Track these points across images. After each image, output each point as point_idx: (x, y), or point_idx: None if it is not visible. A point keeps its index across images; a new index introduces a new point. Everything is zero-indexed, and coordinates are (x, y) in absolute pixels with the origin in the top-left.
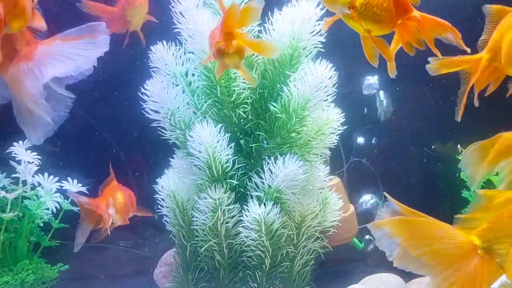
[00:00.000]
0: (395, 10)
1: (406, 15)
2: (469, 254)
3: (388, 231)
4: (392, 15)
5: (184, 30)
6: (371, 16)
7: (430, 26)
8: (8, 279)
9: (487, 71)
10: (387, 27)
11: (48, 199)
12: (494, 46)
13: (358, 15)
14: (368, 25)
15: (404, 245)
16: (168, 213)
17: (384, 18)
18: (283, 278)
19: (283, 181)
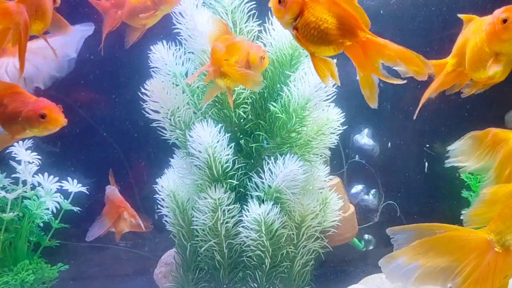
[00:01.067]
0: (340, 32)
1: (354, 38)
2: (486, 251)
3: (405, 260)
4: (334, 37)
5: (184, 30)
6: (310, 38)
7: (377, 53)
8: (8, 279)
9: (452, 74)
10: (329, 49)
11: (48, 199)
12: (459, 52)
13: (302, 36)
14: (310, 46)
15: (425, 266)
16: (168, 213)
17: (323, 40)
18: (283, 278)
19: (283, 181)
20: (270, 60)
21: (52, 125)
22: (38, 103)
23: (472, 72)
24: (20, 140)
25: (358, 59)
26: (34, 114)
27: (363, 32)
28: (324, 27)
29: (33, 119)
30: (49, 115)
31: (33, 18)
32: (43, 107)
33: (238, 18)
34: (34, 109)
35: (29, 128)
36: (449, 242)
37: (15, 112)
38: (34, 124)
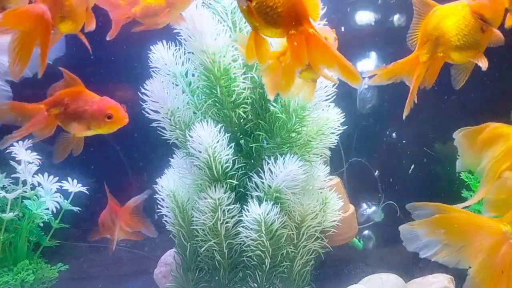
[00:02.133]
0: (291, 19)
1: (298, 27)
2: (501, 241)
3: (426, 231)
4: (285, 22)
5: (184, 30)
6: (263, 15)
7: (317, 50)
8: (8, 279)
9: (428, 63)
10: (275, 32)
11: (48, 199)
12: (428, 39)
13: (255, 9)
14: (258, 22)
15: (445, 241)
16: (168, 213)
17: (275, 22)
18: (283, 278)
19: (283, 181)
20: None
21: (117, 125)
22: (104, 103)
23: (457, 53)
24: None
25: (295, 49)
26: (101, 114)
27: (308, 25)
28: (280, 10)
29: (99, 119)
30: (116, 115)
31: (60, 18)
32: (110, 107)
33: (238, 18)
34: (100, 109)
35: (94, 128)
36: (466, 225)
37: (78, 111)
38: (100, 124)
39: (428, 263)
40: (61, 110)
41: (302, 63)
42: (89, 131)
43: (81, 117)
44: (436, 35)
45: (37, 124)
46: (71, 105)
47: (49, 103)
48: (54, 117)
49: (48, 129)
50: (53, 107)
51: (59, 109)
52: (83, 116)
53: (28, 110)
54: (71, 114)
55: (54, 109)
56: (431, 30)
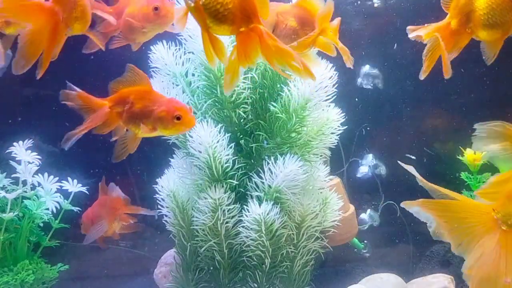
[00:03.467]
0: (241, 16)
1: (249, 24)
2: (493, 229)
3: (419, 210)
4: (235, 18)
5: (184, 30)
6: (213, 13)
7: (267, 48)
8: (8, 279)
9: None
10: (226, 30)
11: (48, 199)
12: (462, 10)
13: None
14: (209, 20)
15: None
16: (168, 213)
17: (226, 19)
18: (283, 278)
19: (283, 181)
20: None
21: (185, 127)
22: (172, 104)
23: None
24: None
25: (244, 46)
26: (169, 116)
27: (258, 22)
28: (230, 6)
29: (167, 120)
30: (184, 117)
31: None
32: (179, 108)
33: None
34: (169, 110)
35: (160, 129)
36: (459, 210)
37: (145, 111)
38: (167, 125)
39: (428, 263)
40: (126, 109)
41: (251, 61)
42: (154, 132)
43: (147, 117)
44: (467, 10)
45: (97, 120)
46: (136, 104)
47: (113, 100)
48: (117, 115)
49: (108, 127)
50: (116, 104)
51: (123, 107)
52: (150, 116)
53: (93, 104)
54: (136, 114)
55: (117, 106)
56: (463, 4)
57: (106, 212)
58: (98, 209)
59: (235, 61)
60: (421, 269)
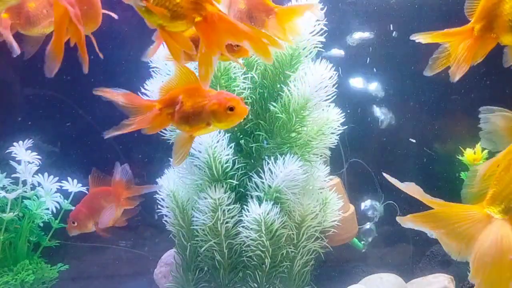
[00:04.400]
0: (192, 5)
1: (202, 12)
2: (488, 223)
3: (413, 225)
4: (188, 11)
5: None
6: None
7: (224, 29)
8: (8, 279)
9: (479, 42)
10: (181, 23)
11: (48, 199)
12: (486, 15)
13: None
14: (162, 20)
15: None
16: (168, 213)
17: (177, 13)
18: (283, 278)
19: (283, 181)
20: None
21: (239, 118)
22: (223, 96)
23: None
24: None
25: (206, 35)
26: (222, 108)
27: (213, 7)
28: (178, 0)
29: (220, 113)
30: (237, 107)
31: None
32: (230, 99)
33: None
34: (221, 102)
35: (214, 123)
36: (450, 216)
37: (197, 108)
38: (221, 117)
39: (428, 263)
40: (177, 109)
41: (220, 47)
42: (208, 127)
43: (200, 113)
44: (492, 15)
45: (146, 122)
46: (186, 103)
47: (163, 101)
48: (167, 117)
49: (157, 128)
50: (166, 106)
51: (174, 108)
52: (203, 112)
53: (141, 105)
54: (188, 113)
55: (167, 108)
56: (488, 9)
57: (106, 201)
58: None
59: (206, 53)
60: (421, 269)
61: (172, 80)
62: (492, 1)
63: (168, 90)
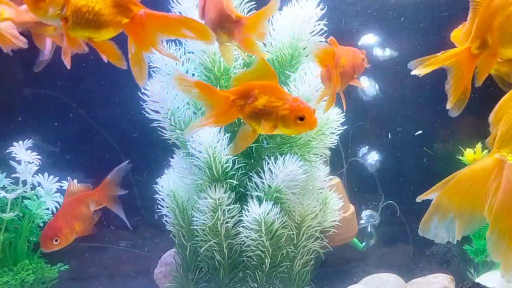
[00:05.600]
0: (115, 10)
1: (129, 14)
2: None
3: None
4: (111, 16)
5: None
6: (86, 23)
7: (155, 25)
8: (8, 279)
9: (478, 60)
10: (108, 31)
11: (48, 199)
12: (481, 33)
13: (74, 26)
14: (87, 32)
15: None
16: (168, 213)
17: (101, 22)
18: (283, 278)
19: (283, 181)
20: (270, 60)
21: (307, 128)
22: (297, 103)
23: (505, 50)
24: None
25: (136, 36)
26: (293, 115)
27: (137, 7)
28: (98, 7)
29: (290, 119)
30: (308, 118)
31: None
32: (303, 108)
33: None
34: (294, 109)
35: (281, 127)
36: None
37: (268, 107)
38: (289, 124)
39: (428, 263)
40: (249, 103)
41: (153, 43)
42: (274, 129)
43: (269, 113)
44: (488, 30)
45: (221, 113)
46: (260, 99)
47: (236, 92)
48: (237, 108)
49: (228, 120)
50: (240, 97)
51: (246, 101)
52: (272, 113)
53: (214, 95)
54: (258, 109)
55: (240, 100)
56: (483, 25)
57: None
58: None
59: (136, 52)
60: (421, 269)
61: (249, 72)
62: (485, 17)
63: (242, 81)
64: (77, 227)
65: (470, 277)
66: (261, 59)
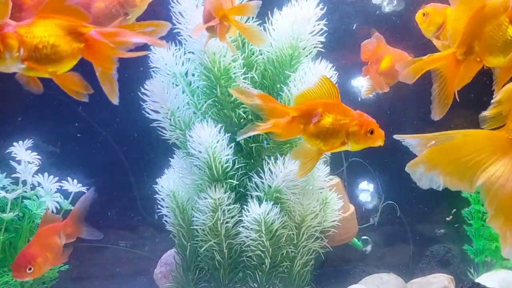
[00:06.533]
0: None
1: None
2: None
3: (424, 168)
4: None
5: (184, 30)
6: (45, 58)
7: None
8: (8, 279)
9: (462, 66)
10: (68, 60)
11: (48, 199)
12: (467, 39)
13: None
14: (50, 67)
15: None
16: (168, 213)
17: (60, 54)
18: (283, 278)
19: (283, 181)
20: (270, 60)
21: (376, 141)
22: (364, 118)
23: (492, 58)
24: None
25: (96, 57)
26: (363, 130)
27: (87, 28)
28: (53, 40)
29: (360, 134)
30: (376, 131)
31: None
32: (371, 122)
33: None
34: (362, 124)
35: (351, 143)
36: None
37: (336, 125)
38: (360, 139)
39: (428, 263)
40: (314, 122)
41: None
42: (342, 146)
43: (339, 131)
44: (475, 38)
45: (278, 127)
46: (326, 118)
47: (299, 110)
48: (297, 127)
49: (287, 136)
50: (302, 116)
51: (308, 119)
52: (342, 131)
53: (274, 109)
54: (326, 128)
55: (300, 118)
56: (471, 32)
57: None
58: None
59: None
60: (421, 269)
61: (311, 90)
62: (473, 25)
63: (305, 99)
64: (50, 257)
65: (470, 277)
66: (324, 77)
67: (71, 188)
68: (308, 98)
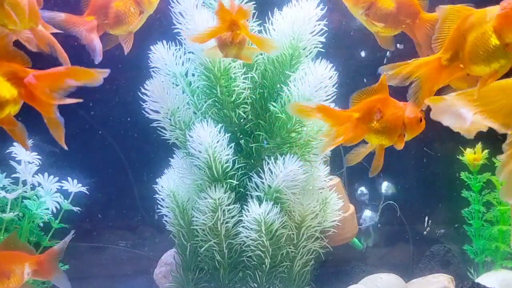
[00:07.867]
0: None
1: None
2: None
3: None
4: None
5: (184, 30)
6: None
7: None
8: None
9: (446, 71)
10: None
11: (48, 199)
12: (453, 45)
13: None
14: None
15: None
16: (168, 213)
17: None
18: (283, 278)
19: (283, 181)
20: (270, 60)
21: (422, 128)
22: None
23: (475, 66)
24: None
25: (36, 101)
26: (415, 119)
27: (25, 73)
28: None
29: (413, 124)
30: (423, 119)
31: None
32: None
33: None
34: (414, 113)
35: (407, 134)
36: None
37: (394, 119)
38: (413, 128)
39: (428, 263)
40: (377, 119)
41: (49, 109)
42: (399, 138)
43: (397, 124)
44: (458, 46)
45: (347, 133)
46: (386, 114)
47: (360, 110)
48: (362, 127)
49: (356, 140)
50: (365, 115)
51: (372, 117)
52: (399, 123)
53: (337, 116)
54: (389, 122)
55: (365, 118)
56: (457, 39)
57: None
58: None
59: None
60: (421, 269)
61: (367, 90)
62: (459, 32)
63: (361, 98)
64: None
65: (470, 277)
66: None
67: (71, 188)
68: (364, 97)
